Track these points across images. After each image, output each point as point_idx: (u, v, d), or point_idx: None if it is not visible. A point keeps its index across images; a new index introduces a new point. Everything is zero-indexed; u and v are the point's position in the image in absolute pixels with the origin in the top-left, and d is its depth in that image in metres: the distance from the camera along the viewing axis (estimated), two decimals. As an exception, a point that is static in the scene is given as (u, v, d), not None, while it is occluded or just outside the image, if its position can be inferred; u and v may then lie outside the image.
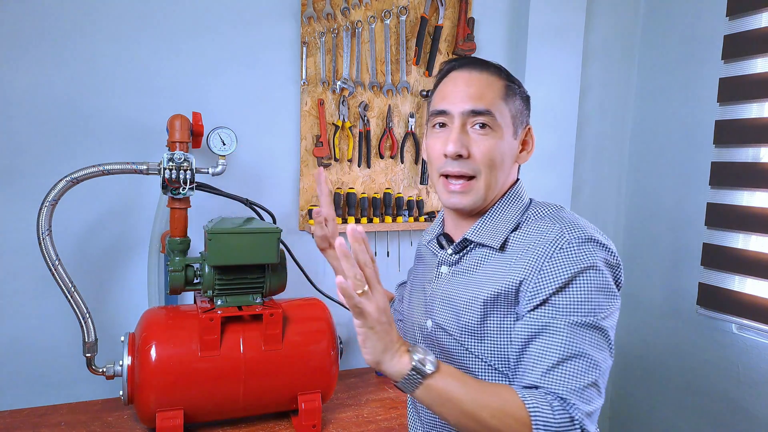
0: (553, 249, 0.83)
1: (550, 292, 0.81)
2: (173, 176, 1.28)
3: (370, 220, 1.80)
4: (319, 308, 1.42)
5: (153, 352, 1.21)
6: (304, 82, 1.69)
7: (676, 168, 2.03)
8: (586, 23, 2.07)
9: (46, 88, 1.45)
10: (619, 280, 0.86)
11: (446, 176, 0.92)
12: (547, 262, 0.82)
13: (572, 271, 0.80)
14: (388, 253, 1.88)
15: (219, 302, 1.31)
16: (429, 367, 0.75)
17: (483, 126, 0.89)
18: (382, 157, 1.82)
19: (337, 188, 1.77)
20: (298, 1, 1.67)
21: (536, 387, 0.78)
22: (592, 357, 0.78)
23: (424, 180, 1.88)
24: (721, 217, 1.85)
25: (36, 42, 1.43)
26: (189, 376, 1.23)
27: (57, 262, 1.25)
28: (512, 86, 0.92)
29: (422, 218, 1.87)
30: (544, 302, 0.81)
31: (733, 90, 1.82)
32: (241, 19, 1.62)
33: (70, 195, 1.30)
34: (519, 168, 1.00)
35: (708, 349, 1.91)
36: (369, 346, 0.75)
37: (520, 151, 0.95)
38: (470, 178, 0.90)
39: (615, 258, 0.85)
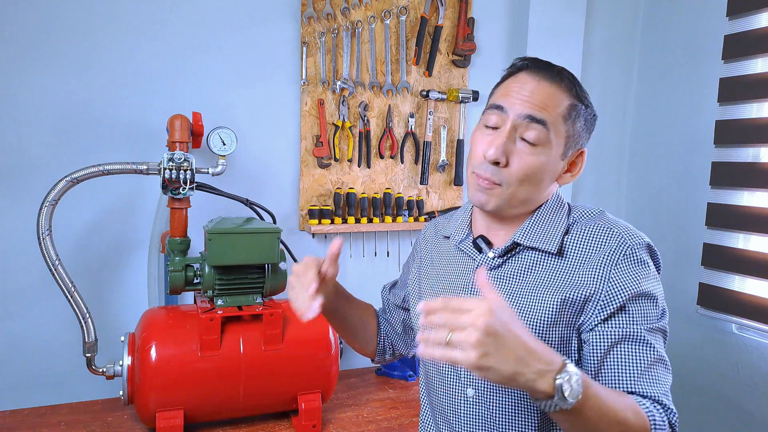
0: (617, 256, 0.84)
1: (624, 300, 0.82)
2: (173, 176, 1.28)
3: (370, 220, 1.80)
4: (319, 308, 1.42)
5: (153, 352, 1.21)
6: (304, 82, 1.69)
7: (677, 168, 2.03)
8: (586, 23, 2.07)
9: (47, 88, 1.45)
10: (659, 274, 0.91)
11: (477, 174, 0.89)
12: (615, 269, 0.83)
13: (641, 279, 0.83)
14: (388, 253, 1.88)
15: (219, 302, 1.31)
16: (571, 398, 0.65)
17: (533, 138, 0.84)
18: (382, 157, 1.82)
19: (337, 188, 1.77)
20: (298, 1, 1.67)
21: (630, 393, 0.79)
22: (667, 360, 0.83)
23: (424, 180, 1.88)
24: (722, 217, 1.85)
25: (37, 43, 1.43)
26: (189, 376, 1.23)
27: (57, 262, 1.25)
28: (578, 106, 0.88)
29: (422, 218, 1.87)
30: (619, 310, 0.82)
31: (734, 90, 1.82)
32: (241, 19, 1.62)
33: (70, 195, 1.30)
34: None
35: (708, 349, 1.91)
36: (493, 374, 0.64)
37: (565, 172, 0.92)
38: (498, 183, 0.87)
39: (659, 261, 0.89)
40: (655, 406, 0.77)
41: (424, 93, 1.84)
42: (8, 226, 1.44)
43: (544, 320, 0.84)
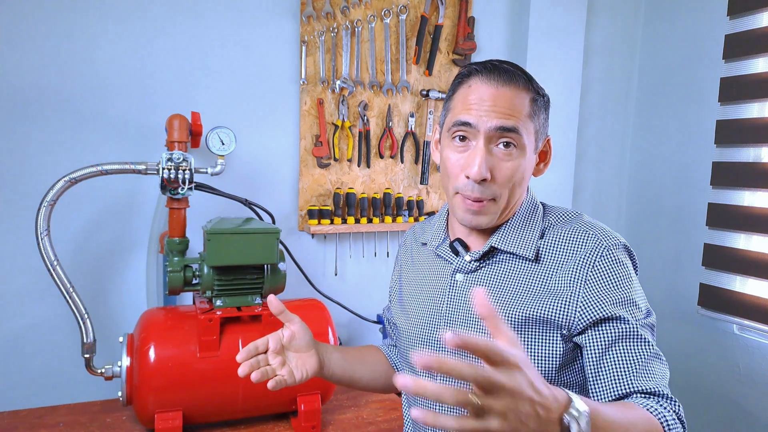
0: (594, 258, 0.84)
1: (610, 302, 0.82)
2: (172, 176, 1.28)
3: (369, 221, 1.80)
4: (318, 309, 1.42)
5: (152, 353, 1.21)
6: (303, 82, 1.68)
7: (677, 168, 2.03)
8: (587, 22, 2.07)
9: (45, 87, 1.44)
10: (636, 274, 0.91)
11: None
12: (591, 271, 0.83)
13: (621, 280, 0.83)
14: (387, 253, 1.87)
15: (218, 303, 1.30)
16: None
17: (507, 145, 0.84)
18: (381, 156, 1.82)
19: (337, 188, 1.77)
20: (298, 0, 1.66)
21: (632, 392, 0.79)
22: (661, 354, 0.82)
23: (424, 180, 1.87)
24: (723, 217, 1.85)
25: (34, 41, 1.42)
26: (188, 377, 1.22)
27: (55, 263, 1.24)
28: (538, 99, 0.87)
29: (422, 218, 1.86)
30: (608, 313, 0.81)
31: (734, 90, 1.81)
32: (241, 18, 1.61)
33: (69, 195, 1.30)
34: None
35: (709, 350, 1.90)
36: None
37: (538, 164, 0.92)
38: (490, 199, 0.86)
39: (635, 259, 0.90)
40: (662, 405, 0.76)
41: (424, 92, 1.84)
42: (7, 226, 1.44)
43: (519, 325, 0.84)
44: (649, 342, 0.81)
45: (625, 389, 0.79)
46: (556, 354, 0.84)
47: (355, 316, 1.73)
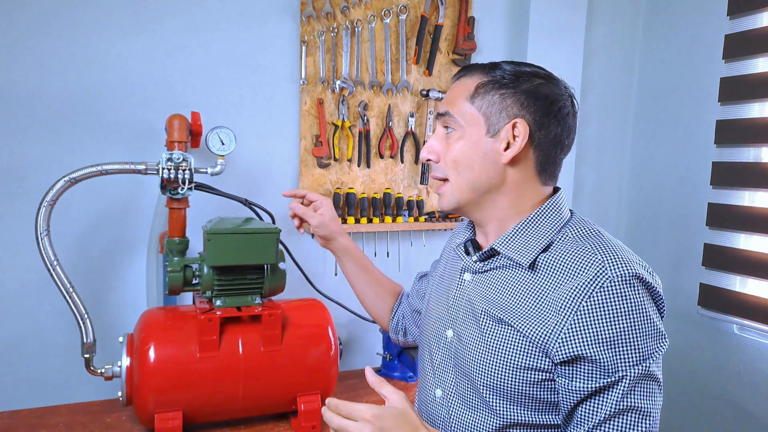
0: (594, 287, 0.75)
1: (594, 342, 0.73)
2: (172, 176, 1.28)
3: (369, 221, 1.79)
4: (318, 309, 1.42)
5: (152, 353, 1.20)
6: (303, 82, 1.68)
7: (678, 168, 2.03)
8: (587, 22, 2.07)
9: (45, 87, 1.44)
10: (663, 315, 0.79)
11: None
12: (586, 301, 0.74)
13: (617, 318, 0.73)
14: (387, 253, 1.87)
15: (218, 303, 1.30)
16: None
17: (447, 128, 0.90)
18: (382, 156, 1.82)
19: (337, 188, 1.77)
20: (298, 0, 1.66)
21: None
22: (641, 409, 0.73)
23: (424, 180, 1.87)
24: (723, 217, 1.85)
25: (34, 41, 1.42)
26: (188, 377, 1.22)
27: (55, 263, 1.24)
28: (491, 83, 0.85)
29: (422, 218, 1.86)
30: (587, 354, 0.74)
31: (735, 90, 1.81)
32: (240, 17, 1.61)
33: (69, 195, 1.29)
34: (552, 173, 0.92)
35: (709, 350, 1.90)
36: None
37: (505, 150, 0.85)
38: (444, 179, 0.91)
39: (660, 295, 0.78)
40: None
41: (424, 92, 1.84)
42: (6, 226, 1.44)
43: (506, 343, 0.82)
44: (622, 397, 0.73)
45: None
46: (535, 368, 0.80)
47: (355, 316, 1.73)
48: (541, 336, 0.78)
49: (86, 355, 1.28)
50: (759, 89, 1.73)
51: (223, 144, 1.36)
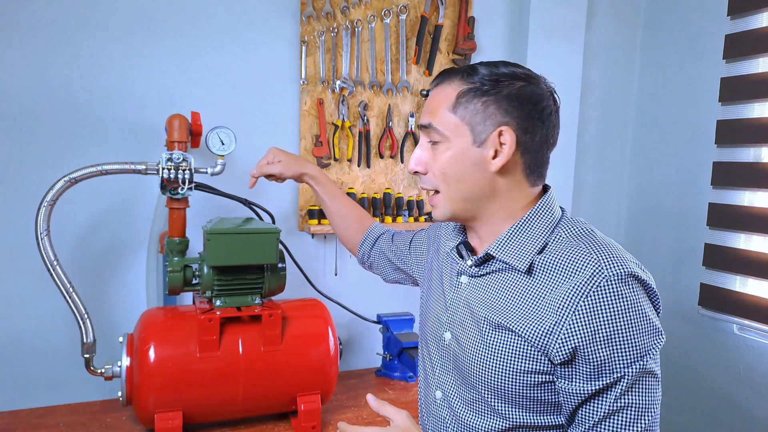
0: (590, 286, 0.75)
1: (592, 342, 0.74)
2: (172, 176, 1.28)
3: (369, 220, 1.79)
4: (318, 309, 1.42)
5: (152, 353, 1.21)
6: (303, 82, 1.68)
7: (678, 168, 2.02)
8: (587, 22, 2.07)
9: (45, 87, 1.44)
10: (659, 310, 0.80)
11: None
12: (584, 301, 0.75)
13: (614, 317, 0.74)
14: (388, 253, 1.87)
15: (218, 303, 1.30)
16: None
17: (431, 140, 0.88)
18: (382, 156, 1.82)
19: (337, 188, 1.77)
20: (298, 0, 1.66)
21: None
22: (641, 404, 0.74)
23: (424, 180, 1.87)
24: (723, 217, 1.85)
25: (34, 41, 1.42)
26: (188, 377, 1.22)
27: (55, 263, 1.24)
28: (471, 90, 0.83)
29: (422, 218, 1.86)
30: (586, 354, 0.74)
31: (735, 90, 1.81)
32: (240, 18, 1.61)
33: (69, 195, 1.30)
34: (540, 174, 0.89)
35: (709, 350, 1.90)
36: None
37: (493, 158, 0.84)
38: (435, 191, 0.90)
39: (654, 291, 0.79)
40: None
41: (425, 92, 1.84)
42: (6, 226, 1.44)
43: (508, 348, 0.82)
44: (621, 394, 0.74)
45: None
46: (537, 371, 0.80)
47: (355, 316, 1.73)
48: (541, 337, 0.78)
49: (86, 355, 1.28)
50: (759, 89, 1.73)
51: (223, 144, 1.36)
